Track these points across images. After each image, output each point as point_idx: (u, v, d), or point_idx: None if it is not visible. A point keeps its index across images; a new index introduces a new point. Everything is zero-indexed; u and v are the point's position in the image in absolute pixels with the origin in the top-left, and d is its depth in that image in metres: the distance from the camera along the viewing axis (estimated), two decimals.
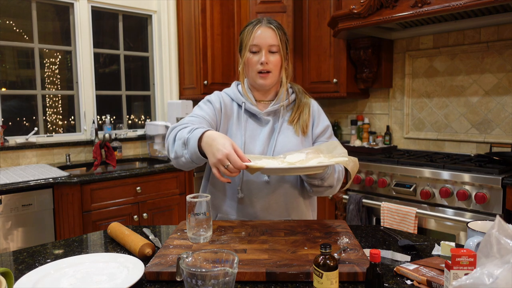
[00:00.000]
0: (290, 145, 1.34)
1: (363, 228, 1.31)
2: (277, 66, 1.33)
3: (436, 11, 2.21)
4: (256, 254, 0.99)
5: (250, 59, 1.33)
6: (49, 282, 0.90)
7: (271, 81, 1.34)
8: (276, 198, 1.34)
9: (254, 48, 1.31)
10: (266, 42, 1.30)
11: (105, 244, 1.20)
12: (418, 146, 3.00)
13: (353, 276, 0.89)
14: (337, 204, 2.71)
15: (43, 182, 2.23)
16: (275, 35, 1.31)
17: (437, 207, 2.23)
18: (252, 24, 1.33)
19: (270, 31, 1.31)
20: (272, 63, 1.31)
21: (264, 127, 1.37)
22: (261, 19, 1.35)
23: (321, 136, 1.42)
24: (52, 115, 3.07)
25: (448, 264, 0.77)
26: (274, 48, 1.31)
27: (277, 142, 1.34)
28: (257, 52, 1.32)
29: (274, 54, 1.32)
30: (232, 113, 1.39)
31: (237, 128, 1.36)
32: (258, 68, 1.31)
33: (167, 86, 3.44)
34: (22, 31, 2.90)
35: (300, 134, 1.37)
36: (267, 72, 1.32)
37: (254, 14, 3.15)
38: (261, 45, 1.31)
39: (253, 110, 1.37)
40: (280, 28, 1.34)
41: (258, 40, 1.30)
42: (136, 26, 3.49)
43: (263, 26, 1.31)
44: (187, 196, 1.10)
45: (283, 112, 1.39)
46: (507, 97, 2.54)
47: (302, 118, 1.39)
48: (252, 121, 1.38)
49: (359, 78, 3.08)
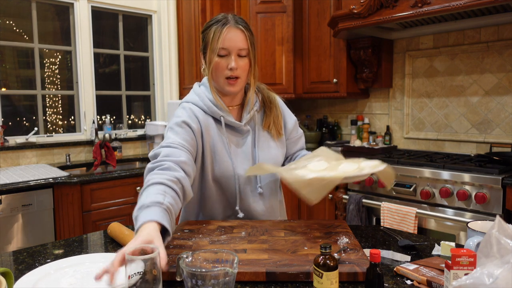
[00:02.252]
0: (273, 154, 1.33)
1: (363, 228, 1.31)
2: (246, 71, 1.25)
3: (436, 11, 2.21)
4: (256, 254, 0.99)
5: (218, 63, 1.22)
6: (49, 282, 0.90)
7: (240, 87, 1.26)
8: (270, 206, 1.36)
9: (223, 52, 1.21)
10: (236, 45, 1.20)
11: (105, 244, 1.20)
12: (418, 146, 3.00)
13: (353, 276, 0.89)
14: (337, 204, 2.71)
15: (43, 182, 2.23)
16: (245, 37, 1.22)
17: (437, 207, 2.23)
18: (220, 23, 1.21)
19: (240, 33, 1.21)
20: (241, 68, 1.22)
21: (245, 138, 1.32)
22: (228, 17, 1.23)
23: (293, 132, 1.43)
24: (52, 115, 3.07)
25: (448, 264, 0.77)
26: (244, 52, 1.22)
27: (259, 153, 1.31)
28: (225, 56, 1.21)
29: (243, 58, 1.23)
30: (212, 131, 1.27)
31: (222, 149, 1.26)
32: (227, 73, 1.22)
33: (167, 86, 3.45)
34: (22, 31, 2.90)
35: (277, 137, 1.36)
36: (236, 78, 1.23)
37: (254, 14, 3.15)
38: (231, 49, 1.20)
39: (233, 124, 1.29)
40: (248, 28, 1.25)
41: (227, 43, 1.20)
42: (136, 26, 3.49)
43: (232, 27, 1.21)
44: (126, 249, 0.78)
45: (257, 116, 1.36)
46: (507, 97, 2.54)
47: (277, 120, 1.36)
48: (232, 134, 1.30)
49: (359, 78, 3.08)
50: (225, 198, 1.31)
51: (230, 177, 1.26)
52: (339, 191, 2.67)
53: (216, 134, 1.27)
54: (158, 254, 0.76)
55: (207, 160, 1.25)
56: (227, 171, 1.26)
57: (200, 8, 3.08)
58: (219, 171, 1.26)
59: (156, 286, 0.76)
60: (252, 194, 1.31)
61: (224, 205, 1.32)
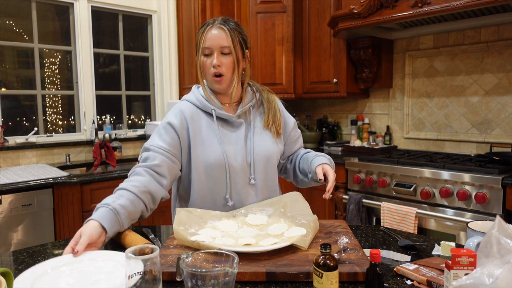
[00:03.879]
0: (268, 147, 1.38)
1: (363, 228, 1.31)
2: (230, 68, 1.30)
3: (436, 11, 2.21)
4: (256, 254, 0.99)
5: (203, 62, 1.31)
6: (47, 282, 0.89)
7: (226, 84, 1.32)
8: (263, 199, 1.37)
9: (206, 51, 1.29)
10: (217, 43, 1.28)
11: (105, 244, 1.20)
12: (418, 146, 3.00)
13: (353, 276, 0.89)
14: (337, 204, 2.71)
15: (43, 182, 2.23)
16: (226, 36, 1.28)
17: (437, 207, 2.23)
18: (205, 25, 1.31)
19: (221, 32, 1.28)
20: (224, 66, 1.29)
21: (238, 130, 1.36)
22: (216, 19, 1.31)
23: (293, 132, 1.49)
24: (52, 115, 3.07)
25: (448, 264, 0.77)
26: (226, 49, 1.29)
27: (254, 144, 1.36)
28: (210, 54, 1.29)
29: (226, 56, 1.29)
30: (201, 122, 1.34)
31: (212, 137, 1.33)
32: (212, 71, 1.29)
33: (167, 86, 3.44)
34: (22, 31, 2.90)
35: (275, 136, 1.41)
36: (220, 76, 1.30)
37: (254, 14, 3.15)
38: (213, 47, 1.28)
39: (225, 116, 1.34)
40: (234, 28, 1.31)
41: (209, 42, 1.28)
42: (136, 26, 3.49)
43: (214, 27, 1.29)
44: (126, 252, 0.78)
45: (253, 112, 1.41)
46: (507, 97, 2.54)
47: (276, 120, 1.42)
48: (224, 126, 1.36)
49: (359, 78, 3.08)
50: (216, 187, 1.33)
51: (221, 165, 1.30)
52: (339, 191, 2.67)
53: (206, 126, 1.34)
54: (158, 254, 0.77)
55: (196, 151, 1.31)
56: (218, 159, 1.30)
57: (200, 8, 3.08)
58: (210, 160, 1.30)
59: (156, 286, 0.76)
60: (243, 184, 1.34)
61: (215, 194, 1.34)
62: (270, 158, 1.38)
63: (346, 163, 2.63)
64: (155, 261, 0.75)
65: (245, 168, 1.34)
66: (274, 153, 1.40)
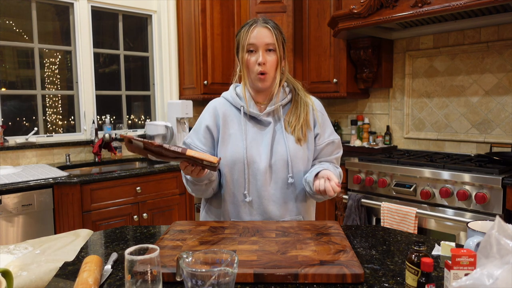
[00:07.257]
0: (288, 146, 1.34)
1: (363, 228, 1.31)
2: (274, 66, 1.34)
3: (436, 11, 2.21)
4: (245, 255, 0.98)
5: (248, 60, 1.33)
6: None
7: (269, 83, 1.35)
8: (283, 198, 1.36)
9: (251, 48, 1.32)
10: (262, 41, 1.31)
11: (105, 244, 1.20)
12: (418, 146, 3.00)
13: (342, 277, 0.88)
14: (337, 204, 2.71)
15: (43, 182, 2.23)
16: (271, 34, 1.32)
17: (437, 207, 2.23)
18: (248, 25, 1.34)
19: (266, 31, 1.32)
20: (269, 63, 1.32)
21: (267, 130, 1.37)
22: (257, 19, 1.35)
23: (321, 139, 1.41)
24: (52, 115, 3.07)
25: (448, 264, 0.77)
26: (271, 46, 1.32)
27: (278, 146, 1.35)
28: (254, 51, 1.32)
29: (271, 54, 1.33)
30: (233, 118, 1.39)
31: (239, 133, 1.36)
32: (258, 69, 1.32)
33: (167, 86, 3.44)
34: (22, 31, 2.90)
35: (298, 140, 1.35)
36: (264, 74, 1.32)
37: (254, 14, 3.15)
38: (258, 44, 1.31)
39: (253, 113, 1.37)
40: (276, 27, 1.35)
41: (254, 39, 1.31)
42: (136, 26, 3.49)
43: (258, 26, 1.32)
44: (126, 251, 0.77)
45: (282, 111, 1.41)
46: (507, 97, 2.54)
47: (299, 122, 1.37)
48: (253, 124, 1.38)
49: (359, 78, 3.08)
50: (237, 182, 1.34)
51: (240, 162, 1.33)
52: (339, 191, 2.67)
53: (235, 122, 1.38)
54: (158, 254, 0.77)
55: (222, 145, 1.36)
56: (238, 154, 1.33)
57: (200, 8, 3.08)
58: (230, 155, 1.33)
59: (156, 286, 0.76)
60: (264, 182, 1.33)
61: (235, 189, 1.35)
62: (292, 160, 1.34)
63: (346, 163, 2.63)
64: (155, 261, 0.75)
65: (267, 167, 1.33)
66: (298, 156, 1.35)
